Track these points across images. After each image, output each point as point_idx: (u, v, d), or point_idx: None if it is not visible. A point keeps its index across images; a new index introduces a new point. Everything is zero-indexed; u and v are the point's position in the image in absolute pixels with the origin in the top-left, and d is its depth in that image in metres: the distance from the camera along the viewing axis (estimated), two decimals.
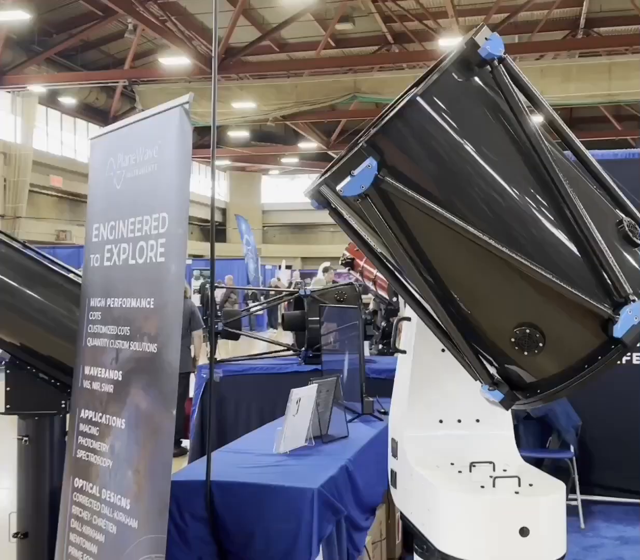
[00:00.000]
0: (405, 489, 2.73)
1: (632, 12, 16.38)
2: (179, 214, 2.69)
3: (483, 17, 16.26)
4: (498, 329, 2.19)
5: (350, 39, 19.78)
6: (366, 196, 2.10)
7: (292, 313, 5.41)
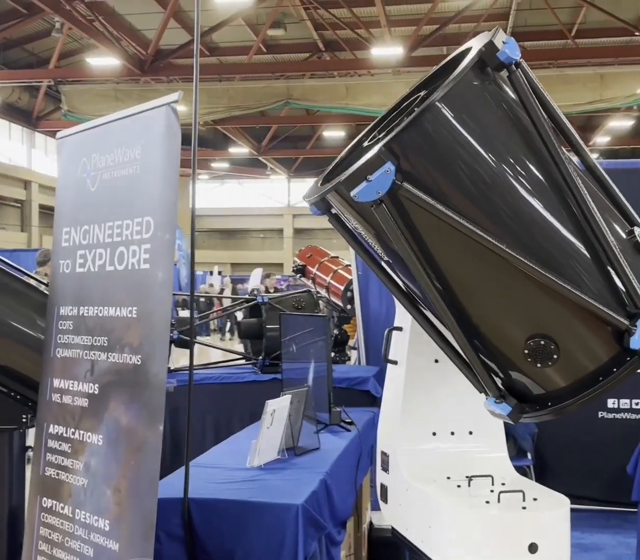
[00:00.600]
0: (399, 504, 2.67)
1: (556, 27, 16.91)
2: (165, 219, 2.56)
3: (414, 28, 16.51)
4: (511, 340, 2.15)
5: (281, 45, 19.75)
6: (381, 202, 2.04)
7: (249, 321, 5.29)
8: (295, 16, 18.01)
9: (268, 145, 26.32)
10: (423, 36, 16.74)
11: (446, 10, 16.42)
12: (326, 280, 7.33)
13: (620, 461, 4.65)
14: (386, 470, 2.77)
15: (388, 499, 2.77)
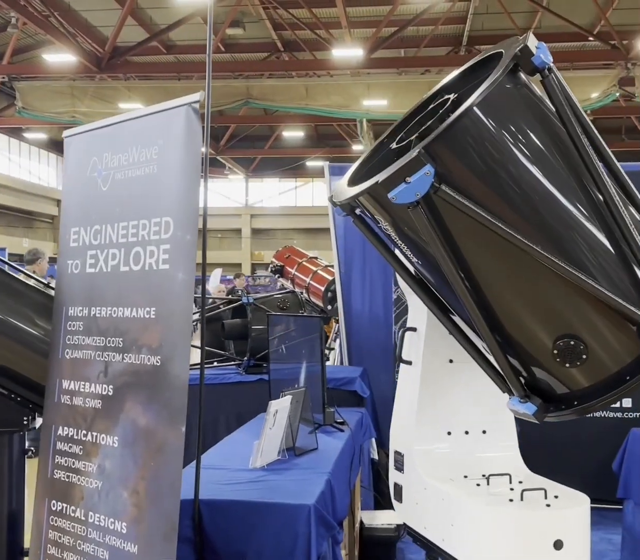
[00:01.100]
0: (416, 503, 2.69)
1: (512, 32, 17.17)
2: (186, 219, 2.55)
3: (374, 30, 16.61)
4: (540, 341, 2.20)
5: (240, 45, 19.66)
6: (418, 204, 2.07)
7: (233, 321, 5.27)
8: (254, 15, 17.95)
9: (226, 145, 26.18)
10: (382, 38, 16.85)
11: (405, 12, 16.55)
12: (306, 280, 7.34)
13: (603, 459, 4.78)
14: (400, 469, 2.80)
15: (403, 498, 2.79)
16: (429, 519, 2.62)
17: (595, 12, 15.44)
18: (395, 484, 2.83)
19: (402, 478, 2.79)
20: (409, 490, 2.75)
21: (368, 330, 5.96)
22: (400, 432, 2.85)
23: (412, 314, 2.87)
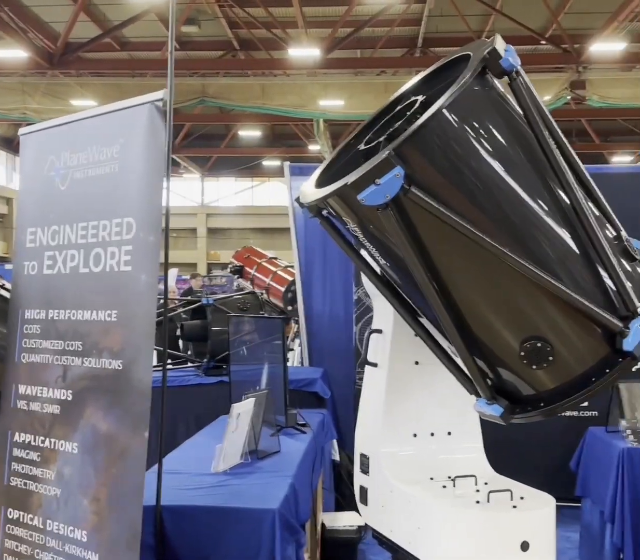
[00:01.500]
0: (382, 506, 2.67)
1: (467, 34, 17.34)
2: (149, 220, 2.50)
3: (330, 30, 16.60)
4: (507, 342, 2.20)
5: (195, 42, 19.46)
6: (387, 206, 2.05)
7: (193, 323, 5.20)
8: (209, 13, 17.79)
9: (181, 144, 25.92)
10: (339, 38, 16.85)
11: (361, 13, 16.57)
12: (266, 281, 7.30)
13: (561, 458, 4.84)
14: (366, 472, 2.78)
15: (368, 501, 2.77)
16: (395, 521, 2.60)
17: (547, 15, 15.67)
18: (360, 487, 2.81)
19: (368, 481, 2.77)
20: (374, 493, 2.73)
21: (328, 331, 5.94)
22: (365, 435, 2.83)
23: (377, 316, 2.85)
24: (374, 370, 2.83)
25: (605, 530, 4.20)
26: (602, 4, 15.11)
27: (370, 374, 2.87)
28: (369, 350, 2.86)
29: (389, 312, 2.76)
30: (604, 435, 4.41)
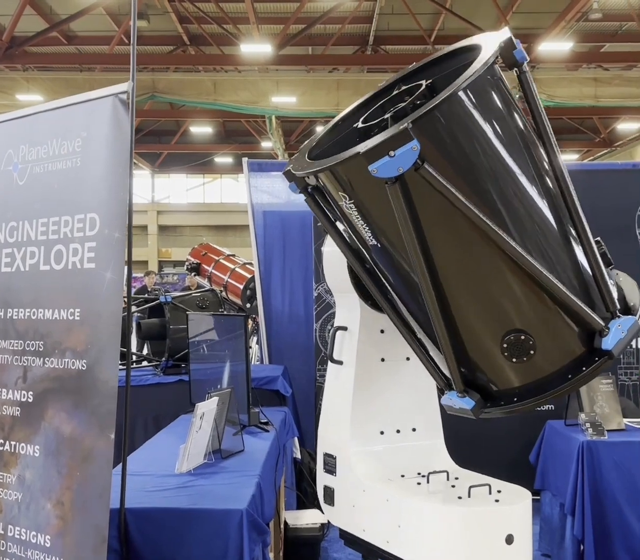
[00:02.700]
0: (353, 506, 2.64)
1: (417, 33, 17.45)
2: (114, 216, 2.43)
3: (282, 26, 16.54)
4: (492, 333, 2.17)
5: (144, 37, 19.16)
6: (395, 180, 1.98)
7: (150, 321, 5.11)
8: (159, 8, 17.54)
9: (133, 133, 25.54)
10: (291, 35, 16.80)
11: (313, 10, 16.54)
12: (224, 279, 7.22)
13: (520, 451, 4.89)
14: (332, 472, 2.74)
15: (335, 501, 2.73)
16: (368, 521, 2.57)
17: (496, 15, 15.84)
18: (325, 487, 2.76)
19: (334, 481, 2.73)
20: (343, 493, 2.69)
21: (288, 328, 5.91)
22: (331, 434, 2.79)
23: (342, 313, 2.82)
24: (339, 369, 2.79)
25: (566, 522, 4.25)
26: (549, 4, 15.36)
27: (336, 373, 2.82)
28: (335, 348, 2.81)
29: (355, 309, 2.74)
30: (562, 428, 4.47)
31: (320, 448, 2.84)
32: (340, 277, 2.76)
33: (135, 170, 16.03)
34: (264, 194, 6.21)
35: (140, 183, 32.09)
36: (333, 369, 2.86)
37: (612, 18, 16.05)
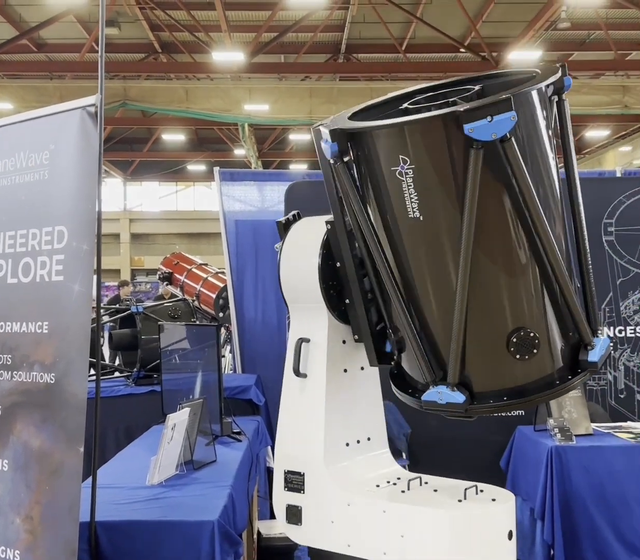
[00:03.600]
0: (332, 522, 2.56)
1: (389, 41, 17.59)
2: (82, 228, 2.43)
3: (254, 34, 16.58)
4: (503, 326, 2.21)
5: (115, 44, 19.10)
6: (482, 147, 2.00)
7: (122, 332, 5.09)
8: (130, 16, 17.52)
9: (102, 147, 25.43)
10: (263, 43, 16.85)
11: (285, 19, 16.62)
12: (196, 288, 7.21)
13: (490, 457, 4.94)
14: (298, 490, 2.63)
15: (304, 520, 2.62)
16: (357, 535, 2.52)
17: (466, 24, 16.03)
18: (289, 506, 2.65)
19: (302, 499, 2.62)
20: (316, 510, 2.59)
21: (261, 337, 5.92)
22: (297, 452, 2.68)
23: (301, 325, 2.72)
24: (304, 382, 2.71)
25: (536, 527, 4.30)
26: (518, 13, 15.57)
27: (300, 386, 2.68)
28: (301, 360, 2.75)
29: (320, 319, 2.66)
30: (532, 434, 4.53)
31: (279, 466, 2.73)
32: (304, 286, 2.65)
33: (107, 178, 16.10)
34: (237, 202, 6.23)
35: (112, 191, 31.92)
36: (296, 383, 2.71)
37: (580, 27, 16.29)
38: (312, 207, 2.82)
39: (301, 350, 2.70)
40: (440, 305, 2.26)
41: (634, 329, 5.71)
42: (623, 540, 4.15)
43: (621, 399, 5.70)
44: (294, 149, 27.58)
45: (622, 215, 5.79)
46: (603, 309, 5.73)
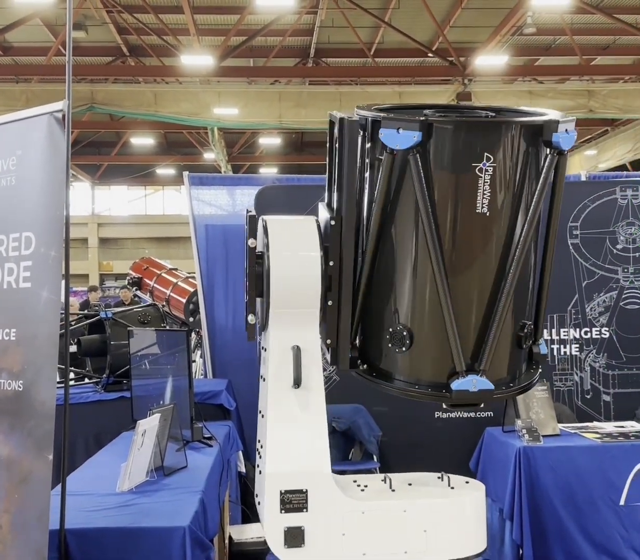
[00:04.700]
0: (343, 534, 2.51)
1: (357, 46, 17.68)
2: (50, 234, 2.42)
3: (223, 38, 16.56)
4: (518, 315, 2.43)
5: (82, 48, 18.95)
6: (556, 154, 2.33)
7: (90, 337, 5.05)
8: (97, 19, 17.40)
9: (70, 153, 25.22)
10: (232, 47, 16.83)
11: (254, 22, 16.62)
12: (166, 293, 7.18)
13: (460, 458, 4.98)
14: (300, 509, 2.49)
15: (307, 540, 2.49)
16: (373, 542, 2.50)
17: (434, 29, 16.16)
18: (289, 529, 2.49)
19: (305, 518, 2.50)
20: (325, 526, 2.51)
21: (232, 341, 5.90)
22: (298, 467, 2.54)
23: (289, 331, 2.57)
24: (300, 392, 2.54)
25: (505, 527, 4.35)
26: (485, 18, 15.72)
27: (297, 398, 2.55)
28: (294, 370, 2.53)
29: (312, 326, 2.56)
30: (500, 435, 4.58)
31: (272, 489, 2.51)
32: (302, 290, 2.52)
33: (74, 182, 16.01)
34: (207, 206, 6.21)
35: (80, 195, 31.61)
36: (289, 395, 2.54)
37: (546, 32, 16.50)
38: (283, 210, 2.84)
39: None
40: (480, 296, 2.35)
41: (599, 331, 5.80)
42: (591, 539, 4.22)
43: (587, 399, 5.79)
44: (263, 153, 27.57)
45: (587, 218, 5.88)
46: (569, 310, 5.82)
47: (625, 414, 5.41)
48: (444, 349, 2.33)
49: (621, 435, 4.47)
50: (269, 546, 2.52)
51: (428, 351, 2.42)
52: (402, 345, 2.40)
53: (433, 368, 2.44)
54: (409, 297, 2.41)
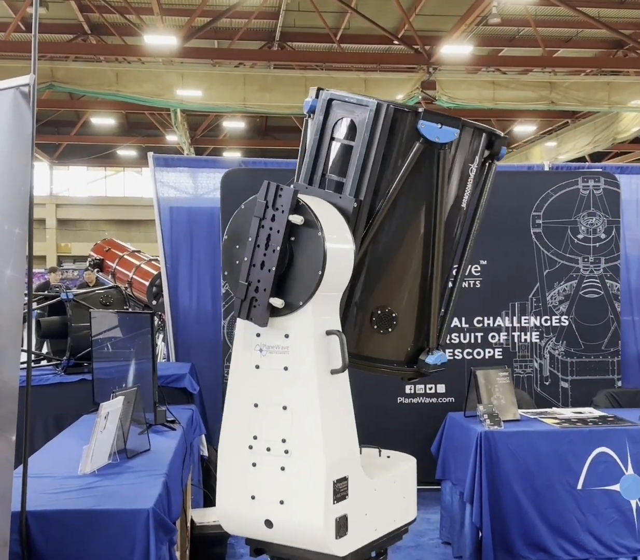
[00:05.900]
0: (366, 514, 2.54)
1: (323, 31, 17.58)
2: (15, 211, 2.36)
3: (187, 18, 16.32)
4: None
5: (43, 25, 18.52)
6: None
7: (51, 319, 4.96)
8: None
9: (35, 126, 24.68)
10: (196, 27, 16.59)
11: (219, 3, 16.41)
12: (129, 275, 7.08)
13: (421, 443, 5.03)
14: (344, 497, 2.44)
15: (350, 527, 2.45)
16: (381, 516, 2.64)
17: (400, 16, 16.12)
18: (337, 519, 2.41)
19: (347, 504, 2.45)
20: (359, 508, 2.50)
21: (196, 325, 5.88)
22: (344, 453, 2.48)
23: (321, 316, 2.44)
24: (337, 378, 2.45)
25: (465, 510, 4.41)
26: (451, 7, 15.73)
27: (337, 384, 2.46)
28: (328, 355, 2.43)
29: (336, 309, 2.48)
30: (462, 420, 4.64)
31: (329, 479, 2.39)
32: (342, 272, 2.46)
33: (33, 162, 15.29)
34: (171, 189, 6.15)
35: (38, 175, 30.97)
36: (336, 382, 2.45)
37: (510, 23, 16.58)
38: (249, 194, 2.82)
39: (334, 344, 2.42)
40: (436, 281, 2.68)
41: (559, 319, 5.90)
42: (548, 522, 4.30)
43: (546, 386, 5.89)
44: (227, 137, 27.32)
45: (549, 208, 5.96)
46: (530, 299, 5.90)
47: (583, 400, 5.52)
48: (418, 329, 2.66)
49: (580, 421, 4.55)
50: (319, 543, 2.40)
51: (406, 331, 2.66)
52: (389, 327, 2.59)
53: (403, 346, 2.69)
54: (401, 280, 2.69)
